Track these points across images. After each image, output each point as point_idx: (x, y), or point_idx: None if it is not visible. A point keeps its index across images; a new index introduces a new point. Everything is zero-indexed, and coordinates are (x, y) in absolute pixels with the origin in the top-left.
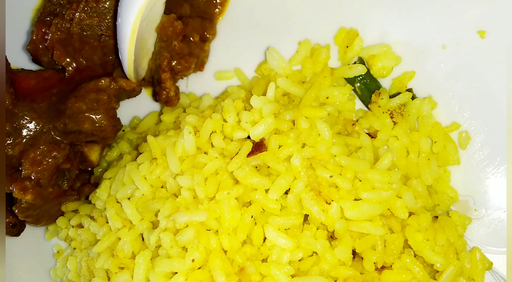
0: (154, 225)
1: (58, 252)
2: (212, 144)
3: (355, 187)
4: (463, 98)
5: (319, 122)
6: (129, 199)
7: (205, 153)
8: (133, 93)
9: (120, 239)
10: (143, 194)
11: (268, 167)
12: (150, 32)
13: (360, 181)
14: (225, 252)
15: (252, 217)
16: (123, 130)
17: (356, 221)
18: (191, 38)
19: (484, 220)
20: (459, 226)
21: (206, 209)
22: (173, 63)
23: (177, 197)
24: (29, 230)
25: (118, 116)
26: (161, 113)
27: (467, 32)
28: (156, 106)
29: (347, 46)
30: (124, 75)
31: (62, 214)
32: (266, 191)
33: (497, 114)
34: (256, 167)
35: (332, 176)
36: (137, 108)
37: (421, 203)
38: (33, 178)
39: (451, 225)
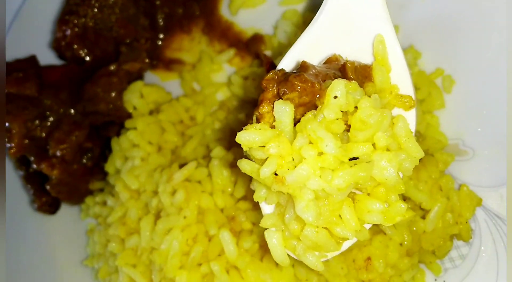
0: (156, 194)
1: (90, 229)
2: None
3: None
4: (445, 46)
5: None
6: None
7: None
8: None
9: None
10: (142, 159)
11: None
12: None
13: None
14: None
15: None
16: None
17: None
18: None
19: (475, 160)
20: (440, 162)
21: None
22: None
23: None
24: (66, 210)
25: None
26: None
27: None
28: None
29: None
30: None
31: (92, 193)
32: None
33: (479, 57)
34: None
35: None
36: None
37: None
38: (58, 155)
39: (432, 162)
